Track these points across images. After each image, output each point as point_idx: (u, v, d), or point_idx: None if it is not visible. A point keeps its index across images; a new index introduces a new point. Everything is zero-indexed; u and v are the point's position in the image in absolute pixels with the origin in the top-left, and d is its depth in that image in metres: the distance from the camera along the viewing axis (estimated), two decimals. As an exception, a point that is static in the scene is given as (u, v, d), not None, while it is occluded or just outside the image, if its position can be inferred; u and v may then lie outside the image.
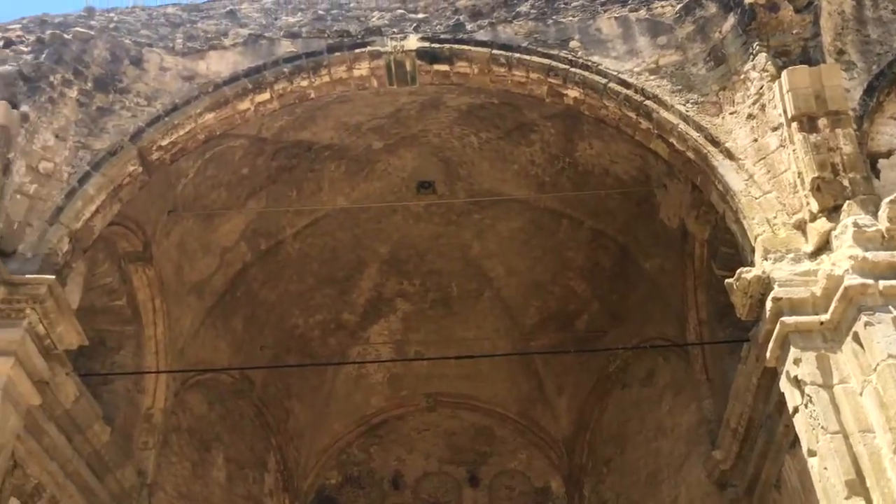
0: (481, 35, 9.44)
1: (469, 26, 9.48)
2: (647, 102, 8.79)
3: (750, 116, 8.40)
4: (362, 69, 9.46)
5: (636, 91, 8.87)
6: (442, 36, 9.45)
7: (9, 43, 8.93)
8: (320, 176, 11.78)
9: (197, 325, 11.57)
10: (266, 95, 9.34)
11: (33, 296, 7.30)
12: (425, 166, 11.98)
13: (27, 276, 7.42)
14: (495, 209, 12.57)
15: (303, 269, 13.06)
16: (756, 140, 8.24)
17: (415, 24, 9.56)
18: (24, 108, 8.28)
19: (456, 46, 9.37)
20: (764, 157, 8.12)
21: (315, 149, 11.27)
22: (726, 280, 7.93)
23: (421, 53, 9.37)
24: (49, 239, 7.93)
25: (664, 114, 8.69)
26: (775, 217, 7.76)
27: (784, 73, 8.02)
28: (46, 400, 7.85)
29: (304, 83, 9.39)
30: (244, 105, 9.29)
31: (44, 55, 8.79)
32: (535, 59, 9.20)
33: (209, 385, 12.08)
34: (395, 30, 9.53)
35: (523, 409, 14.46)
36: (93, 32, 9.09)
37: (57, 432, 8.37)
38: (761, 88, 8.34)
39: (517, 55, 9.24)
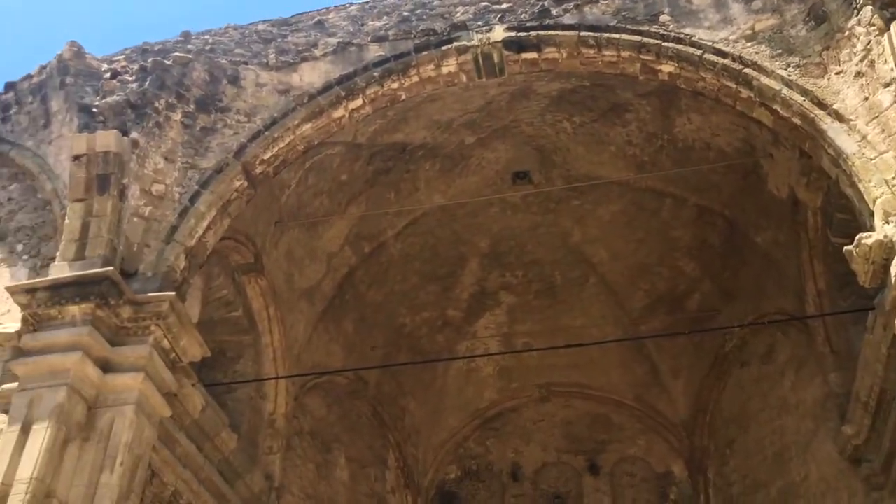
0: (567, 18, 9.31)
1: (554, 11, 9.36)
2: (747, 70, 8.47)
3: (858, 74, 7.97)
4: (450, 65, 9.49)
5: (734, 60, 8.56)
6: (528, 24, 9.37)
7: (115, 74, 9.37)
8: (416, 176, 11.90)
9: (310, 330, 11.89)
10: (359, 101, 9.50)
11: (157, 313, 7.63)
12: (519, 156, 11.93)
13: (150, 294, 7.75)
14: (594, 193, 12.39)
15: (406, 268, 13.23)
16: (867, 99, 7.81)
17: (499, 15, 9.52)
18: (134, 134, 8.65)
19: (543, 33, 9.28)
20: (877, 116, 7.68)
21: (409, 149, 11.39)
22: (845, 248, 7.55)
23: (508, 44, 9.32)
24: (167, 257, 8.27)
25: (765, 80, 8.35)
26: (894, 177, 7.34)
27: (893, 26, 7.57)
28: (176, 411, 8.21)
29: (395, 85, 9.50)
30: (339, 113, 9.48)
31: (147, 82, 9.17)
32: (625, 37, 9.01)
33: (326, 388, 12.40)
34: (479, 23, 9.51)
35: (639, 394, 14.22)
36: (191, 56, 9.44)
37: (188, 441, 8.77)
38: (868, 44, 7.89)
39: (606, 35, 9.07)
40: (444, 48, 9.41)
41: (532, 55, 9.38)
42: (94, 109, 8.77)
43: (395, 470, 13.50)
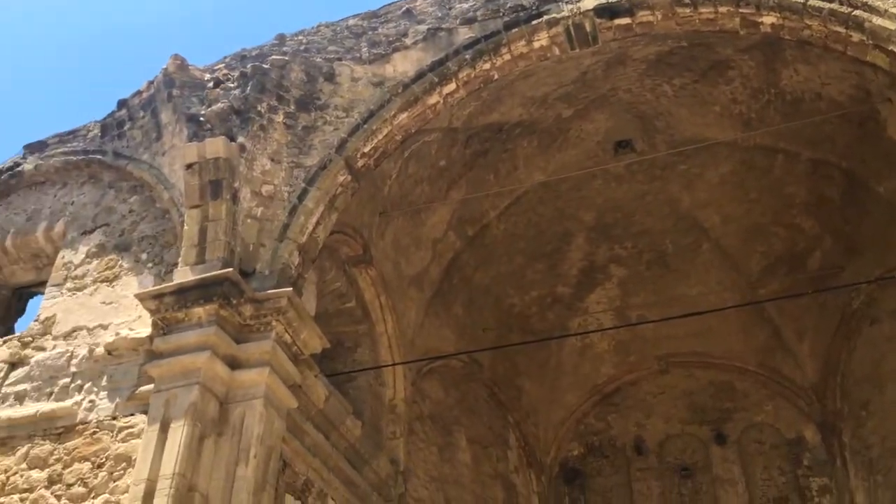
0: (659, -21, 9.02)
1: (645, -27, 9.08)
2: (857, 13, 7.99)
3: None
4: (542, 39, 9.36)
5: (841, 3, 8.09)
6: (618, -11, 9.14)
7: (218, 82, 9.69)
8: (514, 154, 11.83)
9: (421, 316, 12.05)
10: (452, 86, 9.50)
11: (276, 308, 7.87)
12: (620, 125, 11.68)
13: (268, 291, 8.00)
14: (701, 156, 12.01)
15: (511, 248, 13.21)
16: None
17: (588, -17, 9.31)
18: (241, 139, 8.92)
19: (634, -3, 9.03)
20: None
21: (505, 129, 11.32)
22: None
23: (599, 11, 9.12)
24: (281, 255, 8.51)
25: (878, 21, 7.86)
26: None
27: None
28: (301, 402, 8.47)
29: (487, 66, 9.45)
30: (433, 99, 9.51)
31: (248, 87, 9.43)
32: (722, -9, 8.67)
33: (442, 372, 12.55)
34: (568, -7, 9.34)
35: (762, 359, 13.75)
36: (287, 57, 9.65)
37: (315, 431, 9.05)
38: None
39: (701, -8, 8.75)
40: (533, 23, 9.28)
41: (625, 20, 9.15)
42: (201, 118, 9.08)
43: (516, 449, 13.55)
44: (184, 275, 8.01)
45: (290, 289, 8.06)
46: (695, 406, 14.15)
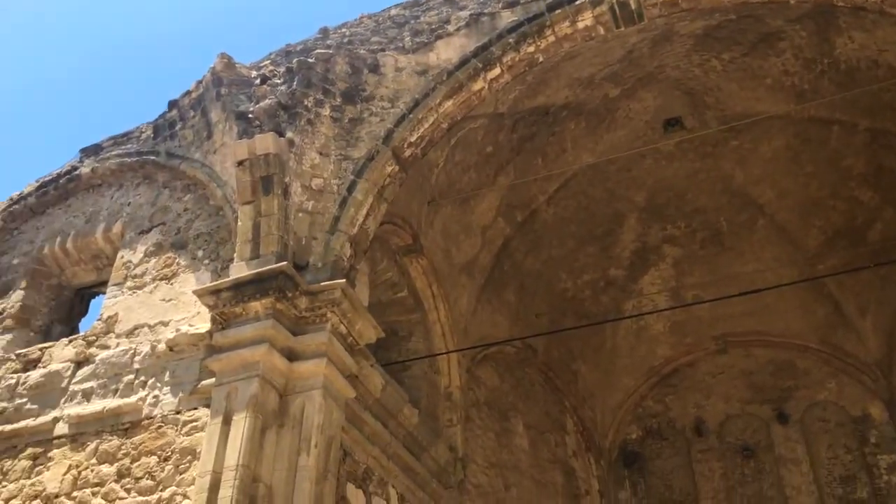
0: (706, -49, 8.84)
1: (691, -55, 8.90)
2: (914, -27, 7.74)
3: None
4: (586, 19, 9.23)
5: (898, -36, 7.85)
6: (663, -36, 8.96)
7: (264, 79, 9.78)
8: (562, 137, 11.73)
9: (473, 303, 12.05)
10: (497, 70, 9.43)
11: (331, 300, 7.95)
12: (668, 103, 11.50)
13: (322, 283, 8.08)
14: (753, 131, 11.77)
15: (561, 232, 13.12)
16: None
17: (631, -40, 9.16)
18: (289, 134, 9.00)
19: (680, -30, 8.86)
20: None
21: (552, 111, 11.23)
22: None
23: (644, -12, 8.96)
24: (333, 247, 8.57)
25: (937, -19, 7.61)
26: None
27: None
28: (359, 392, 8.56)
29: (531, 49, 9.36)
30: (478, 85, 9.46)
31: (295, 83, 9.50)
32: (771, -40, 8.46)
33: (496, 358, 12.55)
34: (611, -29, 9.19)
35: (823, 336, 13.46)
36: (331, 51, 9.69)
37: (373, 420, 9.14)
38: None
39: (749, -38, 8.55)
40: (577, 3, 9.14)
41: (671, -5, 8.98)
42: (250, 115, 9.18)
43: (574, 434, 13.51)
44: (239, 270, 8.13)
45: (344, 280, 8.13)
46: (754, 385, 13.92)
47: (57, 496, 7.90)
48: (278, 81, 9.66)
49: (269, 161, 8.69)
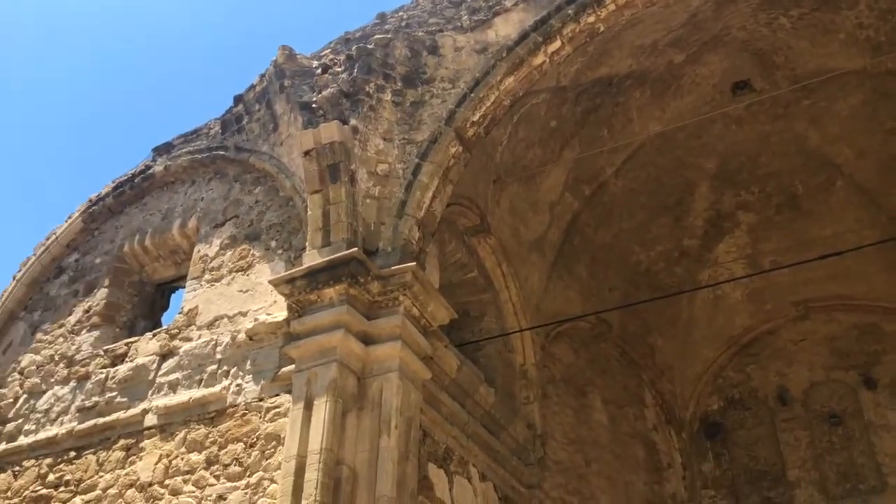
0: None
1: None
2: None
3: None
4: (646, -16, 9.04)
5: None
6: (723, -79, 8.69)
7: (325, 68, 9.87)
8: (627, 107, 11.53)
9: (545, 280, 11.99)
10: (557, 43, 9.31)
11: (402, 284, 8.02)
12: (736, 65, 11.18)
13: (393, 267, 8.15)
14: (827, 89, 11.33)
15: (631, 204, 12.92)
16: None
17: (690, -80, 8.91)
18: (353, 121, 9.07)
19: (742, -73, 8.58)
20: None
21: (615, 82, 11.04)
22: None
23: (705, -53, 8.72)
24: (401, 231, 8.63)
25: None
26: None
27: None
28: (435, 373, 8.62)
29: (591, 19, 9.20)
30: (538, 59, 9.36)
31: (355, 70, 9.56)
32: None
33: (570, 334, 12.48)
34: (671, -68, 8.96)
35: (911, 296, 12.95)
36: (389, 35, 9.72)
37: (450, 400, 9.21)
38: None
39: (815, -88, 8.21)
40: (637, -32, 8.97)
41: (734, -46, 8.71)
42: (313, 105, 9.28)
43: (653, 407, 13.35)
44: (312, 258, 8.26)
45: (414, 263, 8.18)
46: (839, 351, 13.49)
47: (150, 484, 8.20)
48: (339, 70, 9.74)
49: (334, 149, 8.78)
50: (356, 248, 8.04)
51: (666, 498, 12.72)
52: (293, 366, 7.87)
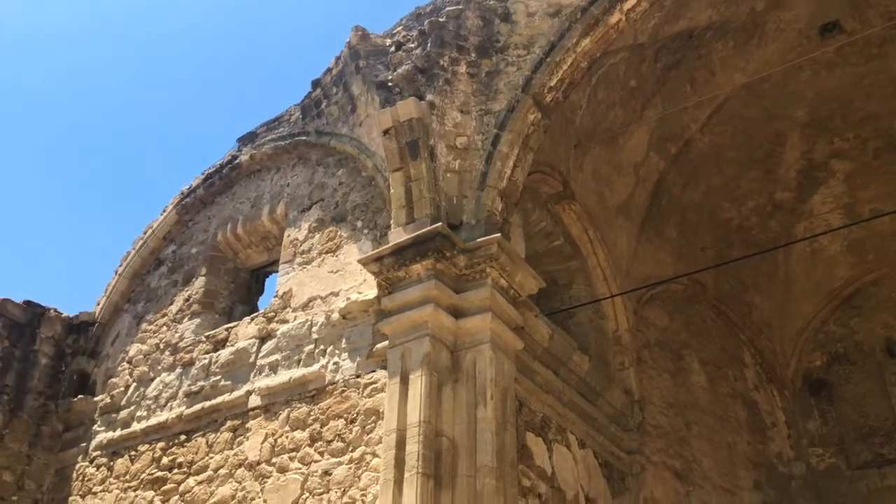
0: None
1: None
2: None
3: None
4: (722, -70, 8.69)
5: None
6: None
7: (399, 45, 9.88)
8: (709, 60, 11.15)
9: (633, 243, 11.79)
10: (632, 0, 9.08)
11: (488, 255, 8.01)
12: (823, 7, 10.65)
13: (478, 240, 8.15)
14: (924, 23, 10.70)
15: (719, 159, 12.54)
16: None
17: None
18: (429, 96, 9.07)
19: None
20: None
21: (696, 34, 10.68)
22: None
23: None
24: (484, 203, 8.60)
25: None
26: None
27: None
28: (527, 343, 8.62)
29: (667, -29, 8.94)
30: (614, 18, 9.14)
31: (429, 44, 9.52)
32: None
33: (662, 297, 12.27)
34: None
35: None
36: (461, 6, 9.64)
37: (544, 369, 9.19)
38: None
39: None
40: (711, -86, 8.63)
41: None
42: (389, 83, 9.32)
43: (753, 367, 13.03)
44: (397, 235, 8.33)
45: (499, 235, 8.15)
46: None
47: (258, 463, 8.50)
48: (412, 46, 9.73)
49: (412, 126, 8.80)
50: (440, 223, 8.06)
51: (771, 458, 12.43)
52: (387, 342, 7.99)
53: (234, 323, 10.09)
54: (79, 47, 30.50)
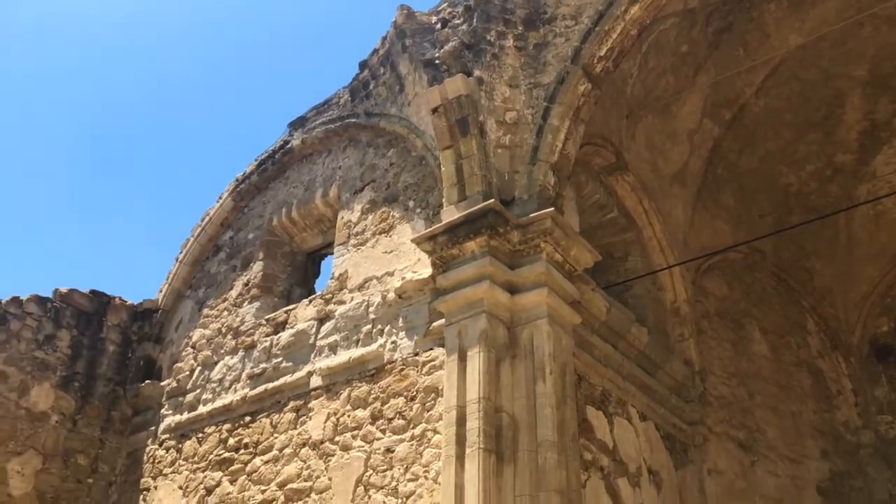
0: None
1: None
2: None
3: None
4: None
5: None
6: None
7: (444, 22, 9.83)
8: (762, 22, 10.84)
9: (689, 213, 11.60)
10: (681, -37, 8.88)
11: (542, 230, 7.96)
12: (882, -41, 10.26)
13: (531, 215, 8.10)
14: None
15: (776, 123, 12.22)
16: None
17: None
18: (477, 72, 9.01)
19: None
20: None
21: (747, -4, 10.40)
22: None
23: None
24: (536, 178, 8.53)
25: None
26: None
27: None
28: (584, 317, 8.56)
29: (716, -69, 8.69)
30: (664, -18, 8.96)
31: (474, 20, 9.44)
32: None
33: (721, 266, 12.07)
34: None
35: None
36: (506, -20, 9.53)
37: (602, 343, 9.14)
38: None
39: None
40: None
41: None
42: (437, 61, 9.27)
43: (816, 334, 12.74)
44: (450, 213, 8.33)
45: (552, 209, 8.09)
46: None
47: (322, 442, 8.65)
48: (458, 22, 9.66)
49: (461, 103, 8.77)
50: (492, 200, 8.03)
51: (838, 426, 12.18)
52: (443, 320, 8.03)
53: (293, 305, 10.24)
54: (133, 35, 31.10)
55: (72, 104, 31.00)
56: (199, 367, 10.84)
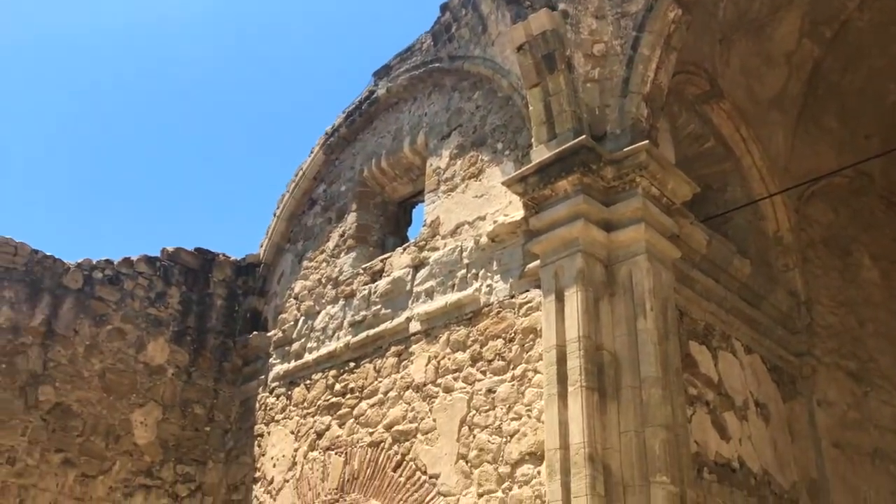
0: None
1: None
2: None
3: None
4: None
5: None
6: None
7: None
8: (862, -73, 10.15)
9: (790, 138, 11.12)
10: None
11: (637, 164, 7.78)
12: None
13: (625, 149, 7.92)
14: None
15: (882, 38, 11.45)
16: None
17: None
18: (561, 6, 8.76)
19: None
20: None
21: None
22: None
23: None
24: (628, 110, 8.31)
25: None
26: None
27: None
28: (683, 251, 8.37)
29: None
30: None
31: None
32: None
33: (825, 192, 11.56)
34: None
35: None
36: None
37: (703, 277, 8.94)
38: None
39: None
40: None
41: None
42: (520, -2, 9.07)
43: (932, 254, 12.13)
44: (540, 153, 8.23)
45: (646, 142, 7.88)
46: None
47: (424, 384, 8.83)
48: (538, -45, 9.38)
49: (546, 38, 8.58)
50: (584, 136, 7.88)
51: (957, 354, 11.65)
52: (538, 261, 8.00)
53: (388, 254, 10.38)
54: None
55: (174, 61, 31.85)
56: (303, 317, 11.17)
